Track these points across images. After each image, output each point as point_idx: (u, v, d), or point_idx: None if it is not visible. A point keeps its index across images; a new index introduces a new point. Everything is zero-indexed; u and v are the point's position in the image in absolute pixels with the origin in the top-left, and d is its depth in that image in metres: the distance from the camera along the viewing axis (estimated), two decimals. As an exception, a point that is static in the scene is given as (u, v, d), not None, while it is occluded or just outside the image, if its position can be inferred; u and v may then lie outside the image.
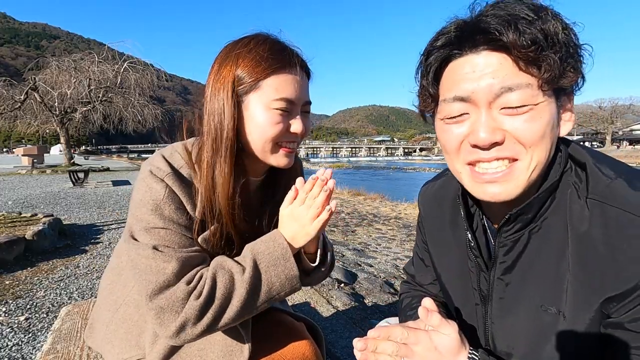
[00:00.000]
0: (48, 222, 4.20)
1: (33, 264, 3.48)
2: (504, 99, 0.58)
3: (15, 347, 2.05)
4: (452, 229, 0.84)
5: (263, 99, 0.78)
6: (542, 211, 0.66)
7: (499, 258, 0.71)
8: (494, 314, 0.74)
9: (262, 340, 0.92)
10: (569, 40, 0.56)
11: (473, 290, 0.79)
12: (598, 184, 0.62)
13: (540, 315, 0.67)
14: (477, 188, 0.65)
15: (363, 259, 4.07)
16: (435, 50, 0.64)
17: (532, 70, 0.56)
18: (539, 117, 0.58)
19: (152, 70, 20.61)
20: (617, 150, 65.31)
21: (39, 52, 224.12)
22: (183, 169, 0.81)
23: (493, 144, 0.60)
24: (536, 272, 0.67)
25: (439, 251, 0.90)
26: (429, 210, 0.93)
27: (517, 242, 0.69)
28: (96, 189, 9.96)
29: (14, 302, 2.63)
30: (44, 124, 20.61)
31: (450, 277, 0.86)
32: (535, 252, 0.67)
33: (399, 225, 6.87)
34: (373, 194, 12.06)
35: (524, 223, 0.66)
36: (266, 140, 0.80)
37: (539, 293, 0.67)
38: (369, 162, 75.04)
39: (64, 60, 19.38)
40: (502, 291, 0.72)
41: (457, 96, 0.62)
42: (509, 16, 0.56)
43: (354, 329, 2.29)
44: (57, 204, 7.30)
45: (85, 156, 49.80)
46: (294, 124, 0.82)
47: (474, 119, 0.61)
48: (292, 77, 0.80)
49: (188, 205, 0.79)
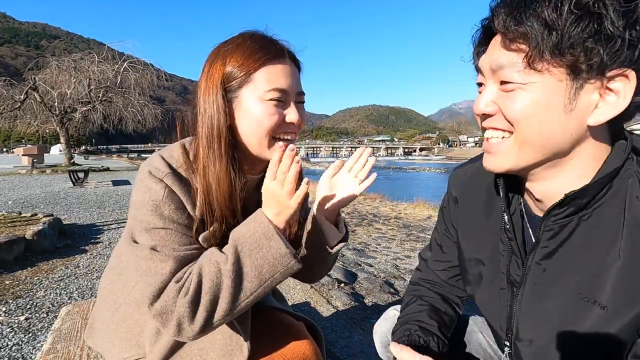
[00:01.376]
0: (48, 222, 4.20)
1: (33, 263, 3.48)
2: (499, 74, 0.62)
3: (15, 347, 2.05)
4: (486, 213, 0.84)
5: (256, 91, 0.78)
6: (597, 198, 0.64)
7: (542, 242, 0.70)
8: (524, 299, 0.73)
9: (262, 339, 0.92)
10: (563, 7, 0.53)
11: (501, 275, 0.78)
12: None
13: (576, 303, 0.65)
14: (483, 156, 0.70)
15: (363, 259, 4.07)
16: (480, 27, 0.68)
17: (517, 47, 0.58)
18: (524, 97, 0.59)
19: (152, 70, 20.60)
20: (617, 150, 64.94)
21: (39, 52, 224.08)
22: (181, 168, 0.81)
23: (484, 115, 0.65)
24: (579, 260, 0.66)
25: (469, 234, 0.89)
26: (463, 193, 0.92)
27: (564, 228, 0.67)
28: (96, 189, 9.95)
29: (14, 302, 2.63)
30: (44, 123, 20.60)
31: (477, 261, 0.85)
32: (582, 241, 0.66)
33: (399, 225, 6.87)
34: (373, 194, 12.05)
35: (577, 208, 0.64)
36: (262, 133, 0.80)
37: (578, 282, 0.65)
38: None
39: (63, 60, 19.37)
40: (538, 276, 0.71)
41: (477, 66, 0.69)
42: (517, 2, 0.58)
43: (354, 328, 2.29)
44: (57, 203, 7.30)
45: (85, 156, 49.70)
46: (290, 114, 0.82)
47: None
48: (282, 67, 0.80)
49: (188, 205, 0.79)
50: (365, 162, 0.89)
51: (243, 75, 0.78)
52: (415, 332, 0.85)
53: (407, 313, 0.94)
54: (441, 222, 1.00)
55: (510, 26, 0.57)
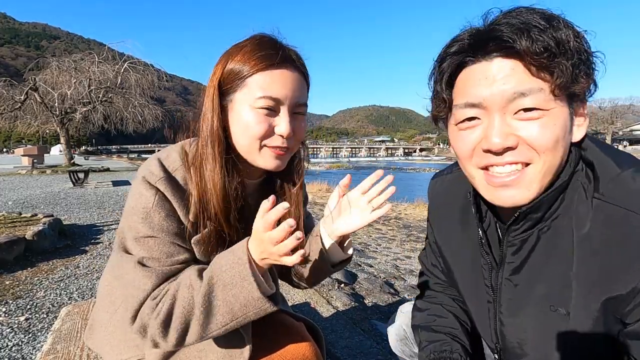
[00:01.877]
0: (48, 223, 4.20)
1: (33, 264, 3.48)
2: (517, 103, 0.59)
3: (15, 347, 2.05)
4: (463, 226, 0.84)
5: (248, 97, 0.77)
6: (551, 211, 0.66)
7: (507, 258, 0.71)
8: (503, 314, 0.74)
9: (262, 340, 0.92)
10: (580, 47, 0.58)
11: (486, 288, 0.78)
12: (602, 182, 0.62)
13: (549, 315, 0.66)
14: (490, 192, 0.65)
15: (363, 259, 4.06)
16: (448, 57, 0.66)
17: (544, 76, 0.58)
18: (552, 124, 0.59)
19: (152, 70, 20.60)
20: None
21: (39, 53, 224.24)
22: (178, 171, 0.81)
23: (506, 148, 0.61)
24: (545, 272, 0.67)
25: (450, 247, 0.89)
26: (440, 206, 0.93)
27: (526, 242, 0.68)
28: (96, 189, 9.95)
29: (14, 302, 2.62)
30: (44, 124, 20.59)
31: (462, 274, 0.86)
32: (544, 253, 0.67)
33: (399, 226, 6.87)
34: (373, 194, 12.00)
35: (533, 222, 0.66)
36: (249, 140, 0.78)
37: (548, 294, 0.66)
38: (369, 162, 75.07)
39: (64, 60, 19.38)
40: (510, 292, 0.72)
41: (469, 102, 0.63)
42: (522, 24, 0.57)
43: (354, 329, 2.29)
44: (57, 204, 7.30)
45: (85, 156, 49.76)
46: (279, 125, 0.78)
47: (487, 124, 0.62)
48: (280, 75, 0.77)
49: (180, 210, 0.78)
50: (383, 190, 0.83)
51: (238, 80, 0.77)
52: (456, 351, 0.83)
53: (440, 324, 0.91)
54: (429, 230, 1.00)
55: (543, 54, 0.56)
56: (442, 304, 0.96)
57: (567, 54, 0.57)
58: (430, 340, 0.88)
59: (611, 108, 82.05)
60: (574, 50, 0.57)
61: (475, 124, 0.64)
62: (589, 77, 0.60)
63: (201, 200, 0.79)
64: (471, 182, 0.70)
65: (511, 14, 0.60)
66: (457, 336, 0.87)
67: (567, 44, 0.57)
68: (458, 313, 0.94)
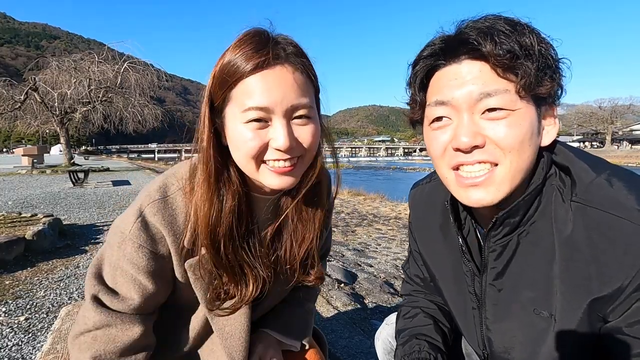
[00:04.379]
0: (48, 222, 4.20)
1: (33, 264, 3.48)
2: (484, 103, 0.62)
3: (15, 347, 2.05)
4: (444, 234, 0.85)
5: (236, 111, 0.67)
6: (529, 215, 0.67)
7: (490, 264, 0.72)
8: (489, 320, 0.75)
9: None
10: (545, 52, 0.61)
11: (469, 295, 0.79)
12: (580, 185, 0.63)
13: (533, 319, 0.67)
14: (461, 192, 0.67)
15: (363, 259, 4.07)
16: (421, 60, 0.69)
17: (509, 77, 0.60)
18: (518, 124, 0.61)
19: (152, 70, 20.63)
20: (617, 150, 65.31)
21: (39, 52, 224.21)
22: (179, 191, 0.75)
23: (474, 147, 0.63)
24: (527, 276, 0.68)
25: (432, 255, 0.90)
26: (420, 214, 0.94)
27: (507, 247, 0.70)
28: (96, 189, 9.95)
29: (14, 302, 2.63)
30: (44, 124, 20.63)
31: (445, 282, 0.87)
32: (526, 257, 0.68)
33: (399, 225, 6.87)
34: (373, 194, 12.05)
35: (512, 227, 0.68)
36: (244, 160, 0.69)
37: (532, 297, 0.68)
38: (369, 162, 75.02)
39: (64, 60, 19.42)
40: (495, 297, 0.73)
41: (439, 100, 0.66)
42: (487, 29, 0.61)
43: (354, 329, 2.29)
44: (57, 204, 7.30)
45: (85, 156, 49.73)
46: (274, 138, 0.66)
47: (456, 124, 0.65)
48: (264, 78, 0.65)
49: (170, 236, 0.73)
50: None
51: (224, 93, 0.68)
52: (425, 350, 0.85)
53: (413, 325, 0.93)
54: (410, 238, 1.01)
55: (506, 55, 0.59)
56: (421, 307, 0.98)
57: (531, 57, 0.59)
58: (402, 342, 0.91)
59: (611, 108, 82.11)
60: (538, 53, 0.60)
61: (445, 123, 0.66)
62: (553, 80, 0.62)
63: (195, 221, 0.72)
64: (445, 184, 0.72)
65: (479, 21, 0.64)
66: (425, 334, 0.89)
67: (531, 48, 0.60)
68: (436, 314, 0.95)
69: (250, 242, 0.78)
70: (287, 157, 0.69)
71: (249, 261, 0.78)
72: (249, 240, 0.78)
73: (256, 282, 0.79)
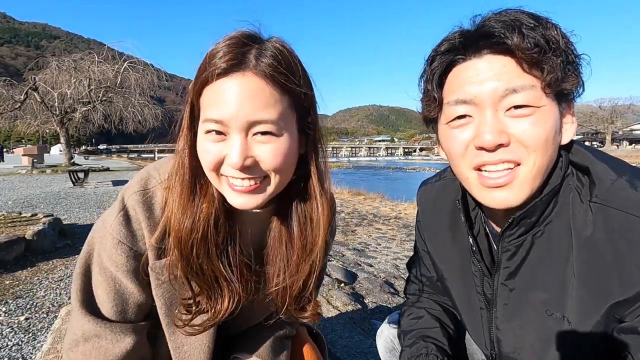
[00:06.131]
0: (48, 222, 4.19)
1: (33, 264, 3.47)
2: (509, 100, 0.59)
3: (15, 347, 2.05)
4: (453, 233, 0.84)
5: (201, 121, 0.65)
6: (545, 215, 0.66)
7: (503, 263, 0.71)
8: (498, 320, 0.74)
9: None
10: (568, 47, 0.59)
11: (478, 295, 0.78)
12: (600, 186, 0.61)
13: (545, 320, 0.66)
14: (484, 194, 0.64)
15: (363, 259, 4.06)
16: (439, 56, 0.66)
17: (535, 72, 0.58)
18: (543, 121, 0.59)
19: (152, 70, 20.59)
20: (617, 150, 65.29)
21: (39, 52, 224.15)
22: (160, 186, 0.72)
23: (498, 145, 0.60)
24: (540, 277, 0.67)
25: (440, 254, 0.89)
26: (429, 213, 0.92)
27: (521, 247, 0.68)
28: (96, 189, 9.95)
29: (14, 302, 2.62)
30: (44, 124, 20.60)
31: (453, 281, 0.86)
32: (539, 257, 0.67)
33: (399, 225, 6.87)
34: (373, 194, 12.04)
35: (527, 227, 0.66)
36: (207, 171, 0.66)
37: (544, 298, 0.66)
38: (369, 162, 74.95)
39: (64, 60, 19.38)
40: (506, 297, 0.72)
41: (460, 99, 0.63)
42: (512, 21, 0.58)
43: (354, 328, 2.29)
44: (57, 203, 7.29)
45: (85, 156, 49.65)
46: (229, 154, 0.62)
47: (479, 121, 0.62)
48: (221, 87, 0.60)
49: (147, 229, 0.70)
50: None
51: (192, 101, 0.66)
52: (432, 353, 0.84)
53: (419, 327, 0.92)
54: (418, 236, 1.00)
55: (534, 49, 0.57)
56: (426, 307, 0.96)
57: (556, 52, 0.58)
58: (408, 344, 0.89)
59: (611, 108, 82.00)
60: (563, 48, 0.58)
61: (466, 121, 0.64)
62: (577, 75, 0.61)
63: (169, 221, 0.69)
64: (464, 184, 0.69)
65: (501, 14, 0.61)
66: (431, 336, 0.87)
67: (556, 42, 0.58)
68: (441, 316, 0.94)
69: (230, 254, 0.73)
70: (245, 177, 0.63)
71: (225, 273, 0.72)
72: (227, 251, 0.72)
73: (232, 297, 0.73)
